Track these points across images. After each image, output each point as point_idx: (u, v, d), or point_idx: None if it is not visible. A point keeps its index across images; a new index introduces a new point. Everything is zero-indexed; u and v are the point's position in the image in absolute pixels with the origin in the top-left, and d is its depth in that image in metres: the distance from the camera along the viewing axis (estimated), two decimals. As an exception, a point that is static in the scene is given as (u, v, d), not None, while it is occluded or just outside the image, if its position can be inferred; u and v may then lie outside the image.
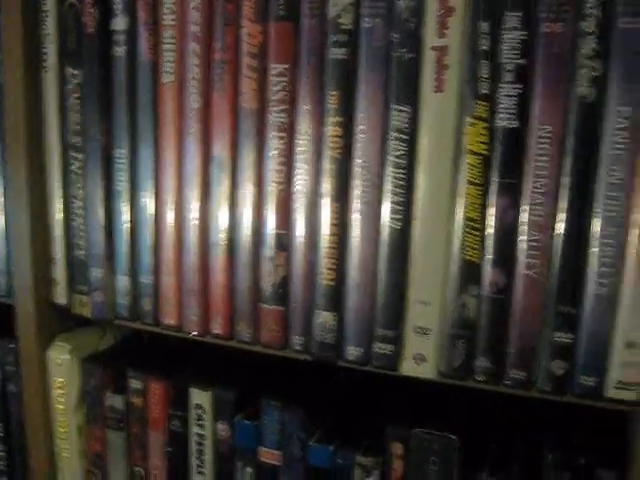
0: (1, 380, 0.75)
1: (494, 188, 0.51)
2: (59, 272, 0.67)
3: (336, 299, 0.56)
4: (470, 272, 0.52)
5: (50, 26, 0.62)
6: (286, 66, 0.54)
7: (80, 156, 0.64)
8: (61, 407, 0.70)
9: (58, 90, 0.64)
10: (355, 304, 0.56)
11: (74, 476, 0.72)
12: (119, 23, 0.60)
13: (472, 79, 0.50)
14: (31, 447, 0.72)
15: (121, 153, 0.62)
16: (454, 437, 0.56)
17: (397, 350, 0.55)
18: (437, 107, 0.51)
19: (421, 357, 0.55)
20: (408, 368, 0.55)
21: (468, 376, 0.54)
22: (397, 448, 0.58)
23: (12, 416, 0.75)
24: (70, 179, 0.65)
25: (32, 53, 0.63)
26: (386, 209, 0.53)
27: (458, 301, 0.53)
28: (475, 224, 0.51)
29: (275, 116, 0.55)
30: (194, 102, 0.58)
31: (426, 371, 0.55)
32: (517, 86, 0.49)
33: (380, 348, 0.56)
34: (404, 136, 0.52)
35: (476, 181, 0.51)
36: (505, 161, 0.50)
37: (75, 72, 0.62)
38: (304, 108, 0.54)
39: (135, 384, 0.67)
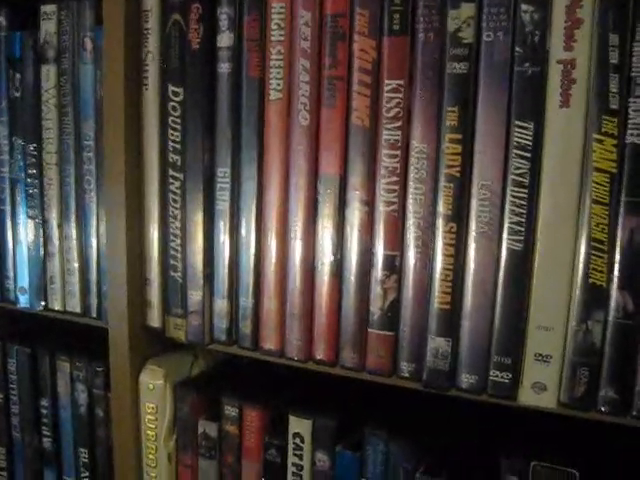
0: (88, 404, 0.76)
1: (623, 208, 0.50)
2: (154, 294, 0.68)
3: (450, 324, 0.56)
4: (596, 296, 0.51)
5: (152, 44, 0.64)
6: (401, 82, 0.55)
7: (180, 175, 0.65)
8: (151, 433, 0.70)
9: (159, 108, 0.65)
10: (471, 329, 0.55)
11: (163, 505, 0.72)
12: (225, 40, 0.61)
13: (600, 94, 0.49)
14: (119, 474, 0.73)
15: (224, 172, 0.63)
16: (575, 471, 0.55)
17: (515, 378, 0.54)
18: (563, 123, 0.51)
19: (541, 386, 0.54)
20: (526, 398, 0.54)
21: (591, 407, 0.53)
22: (513, 482, 0.57)
23: (98, 441, 0.77)
24: (168, 199, 0.66)
25: (133, 71, 0.65)
26: (506, 230, 0.53)
27: (582, 327, 0.52)
28: (602, 245, 0.51)
29: (388, 133, 0.56)
30: (302, 119, 0.59)
31: (546, 401, 0.54)
32: (648, 101, 0.48)
33: (496, 376, 0.55)
34: (526, 154, 0.51)
35: (603, 200, 0.50)
36: (635, 179, 0.49)
37: (177, 89, 0.64)
38: (420, 125, 0.55)
39: (230, 411, 0.67)
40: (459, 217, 0.54)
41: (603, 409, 0.52)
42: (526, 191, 0.52)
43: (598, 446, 0.60)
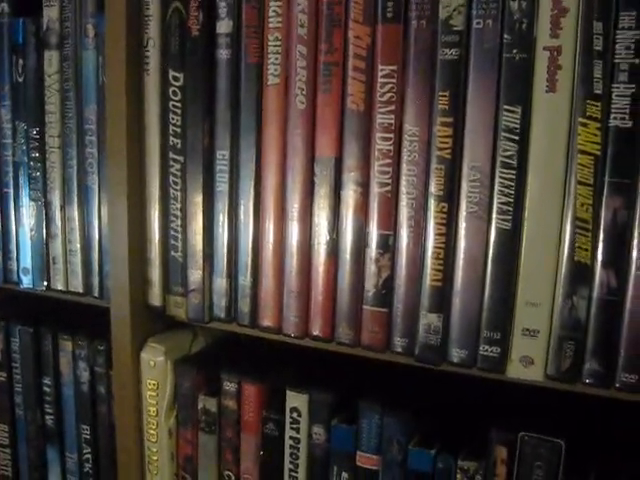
0: (90, 382, 0.79)
1: (606, 188, 0.53)
2: (155, 273, 0.71)
3: (442, 300, 0.59)
4: (581, 273, 0.54)
5: (153, 30, 0.67)
6: (394, 67, 0.58)
7: (180, 158, 0.68)
8: (152, 409, 0.73)
9: (159, 93, 0.68)
10: (461, 305, 0.58)
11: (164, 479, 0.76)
12: (224, 26, 0.64)
13: (585, 79, 0.52)
14: (121, 450, 0.76)
15: (223, 155, 0.66)
16: (561, 441, 0.58)
17: (503, 353, 0.57)
18: (549, 107, 0.53)
19: (528, 360, 0.57)
20: (515, 371, 0.57)
21: (576, 379, 0.56)
22: (501, 452, 0.60)
23: (100, 418, 0.80)
24: (169, 181, 0.69)
25: (134, 56, 0.68)
26: (495, 210, 0.56)
27: (568, 303, 0.55)
28: (586, 224, 0.53)
29: (382, 117, 0.59)
30: (299, 104, 0.62)
31: (533, 374, 0.57)
32: (631, 86, 0.51)
33: (486, 350, 0.58)
34: (514, 136, 0.54)
35: (587, 181, 0.53)
36: (618, 161, 0.52)
37: (177, 75, 0.66)
38: (412, 109, 0.58)
39: (229, 386, 0.70)
40: (450, 197, 0.57)
41: (588, 381, 0.55)
42: (514, 172, 0.55)
43: (584, 418, 0.64)
